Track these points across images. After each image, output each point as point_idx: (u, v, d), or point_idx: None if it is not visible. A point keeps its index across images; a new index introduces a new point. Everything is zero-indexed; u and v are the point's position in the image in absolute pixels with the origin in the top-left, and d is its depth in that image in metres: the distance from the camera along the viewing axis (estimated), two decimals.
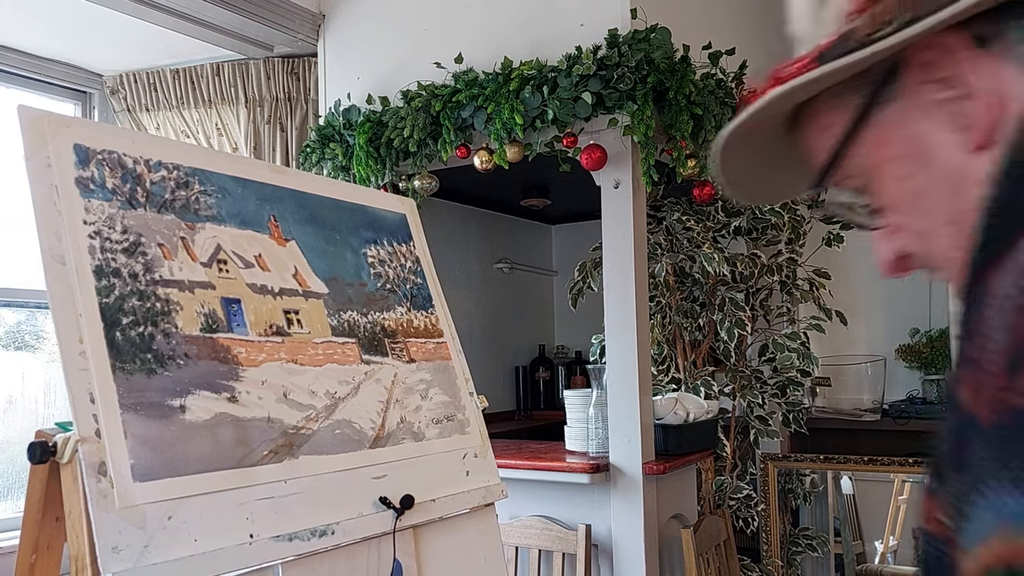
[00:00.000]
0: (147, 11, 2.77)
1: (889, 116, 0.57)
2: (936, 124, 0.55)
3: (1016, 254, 0.43)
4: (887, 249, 0.61)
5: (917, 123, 0.56)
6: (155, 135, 2.97)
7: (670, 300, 2.92)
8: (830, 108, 0.60)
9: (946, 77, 0.54)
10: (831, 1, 0.59)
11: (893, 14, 0.52)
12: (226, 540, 1.08)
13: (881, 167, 0.58)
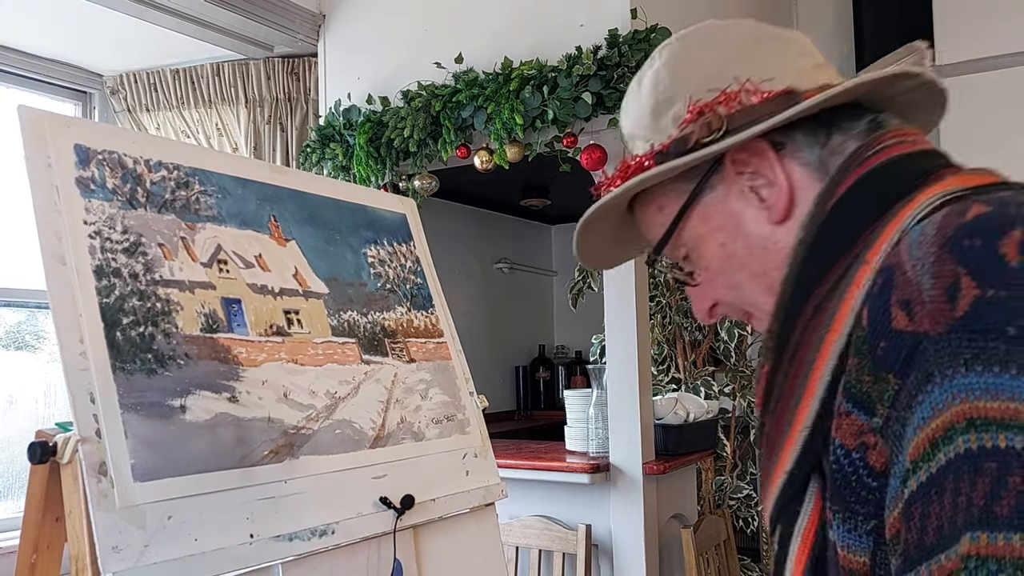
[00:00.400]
0: (147, 11, 2.77)
1: (712, 198, 0.75)
2: (746, 204, 0.73)
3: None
4: (701, 301, 0.80)
5: (733, 203, 0.74)
6: (155, 135, 2.97)
7: (670, 300, 2.92)
8: (664, 193, 0.77)
9: (754, 171, 0.72)
10: (667, 112, 0.75)
11: (720, 125, 0.70)
12: (226, 540, 1.08)
13: (705, 236, 0.76)
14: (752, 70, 0.72)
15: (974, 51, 2.82)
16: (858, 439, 0.56)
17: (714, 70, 0.73)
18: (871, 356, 0.55)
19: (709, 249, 0.76)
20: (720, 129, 0.70)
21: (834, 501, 0.58)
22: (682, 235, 0.77)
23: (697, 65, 0.75)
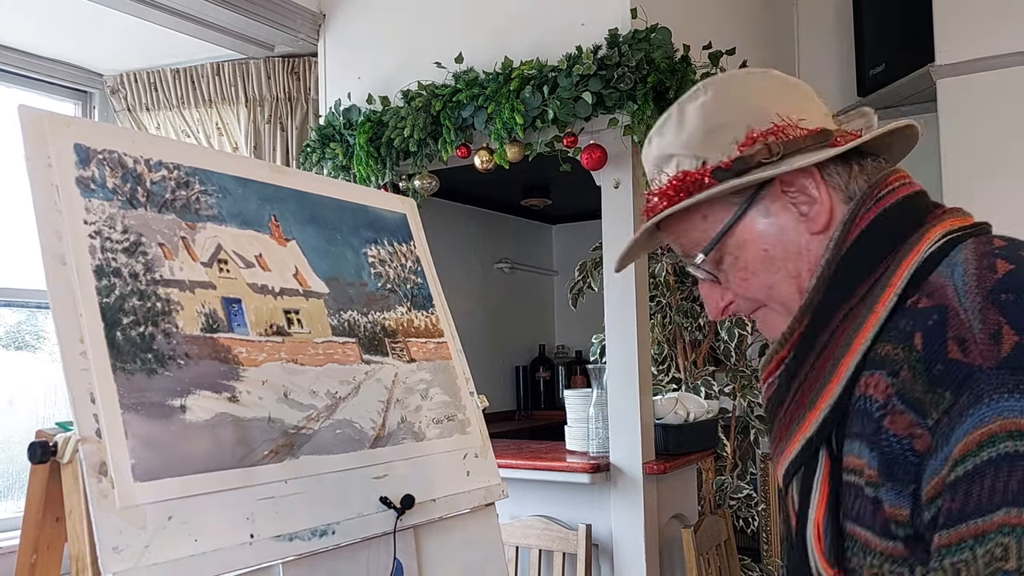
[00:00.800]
0: (147, 11, 2.77)
1: (758, 210, 0.89)
2: (788, 216, 0.89)
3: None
4: (720, 299, 0.95)
5: (778, 215, 0.89)
6: (155, 135, 2.97)
7: (670, 300, 2.92)
8: (711, 204, 0.90)
9: (798, 191, 0.88)
10: (722, 136, 0.89)
11: (778, 151, 0.87)
12: (227, 540, 1.08)
13: (749, 242, 0.90)
14: (789, 110, 0.89)
15: (974, 51, 2.82)
16: (908, 430, 0.73)
17: (760, 106, 0.90)
18: (927, 374, 0.73)
19: (751, 253, 0.90)
20: (778, 154, 0.86)
21: (884, 472, 0.74)
22: (726, 241, 0.91)
23: (745, 100, 0.91)
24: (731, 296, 0.94)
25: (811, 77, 3.68)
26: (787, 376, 0.87)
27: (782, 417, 0.87)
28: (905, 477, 0.73)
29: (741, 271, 0.91)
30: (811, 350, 0.85)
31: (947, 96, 2.86)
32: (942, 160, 2.84)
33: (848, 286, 0.83)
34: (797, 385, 0.86)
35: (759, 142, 0.87)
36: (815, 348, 0.84)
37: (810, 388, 0.84)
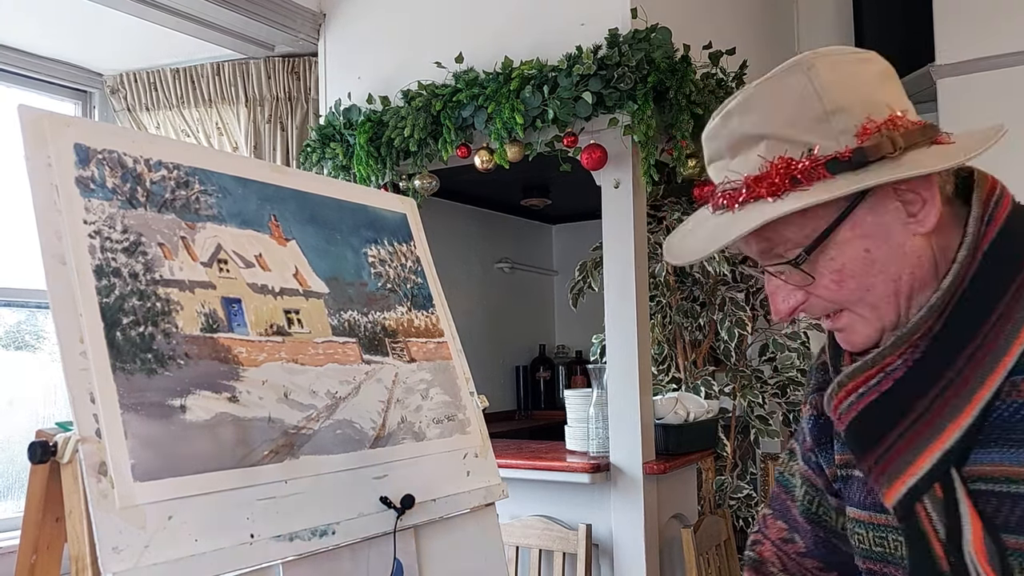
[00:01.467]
0: (147, 10, 2.77)
1: (864, 209, 0.82)
2: (896, 217, 0.82)
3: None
4: (791, 299, 0.87)
5: (885, 215, 0.82)
6: (155, 134, 2.97)
7: (670, 300, 2.92)
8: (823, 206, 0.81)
9: (912, 190, 0.81)
10: (836, 121, 0.80)
11: (901, 144, 0.78)
12: (227, 540, 1.08)
13: (851, 241, 0.82)
14: (897, 101, 0.83)
15: (974, 51, 2.82)
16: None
17: (870, 94, 0.82)
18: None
19: (851, 253, 0.83)
20: (900, 149, 0.78)
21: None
22: (827, 241, 0.82)
23: (855, 85, 0.82)
24: (805, 296, 0.86)
25: None
26: (908, 388, 0.82)
27: (898, 436, 0.82)
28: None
29: (836, 273, 0.83)
30: (950, 357, 0.81)
31: (947, 96, 2.87)
32: None
33: (998, 287, 0.80)
34: (928, 399, 0.81)
35: (880, 134, 0.79)
36: (956, 354, 0.80)
37: (949, 401, 0.80)
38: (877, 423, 0.85)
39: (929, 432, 0.81)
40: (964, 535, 0.78)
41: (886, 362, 0.84)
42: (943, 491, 0.80)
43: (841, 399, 0.88)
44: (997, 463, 0.78)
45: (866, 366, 0.85)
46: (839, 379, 0.88)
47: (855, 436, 0.88)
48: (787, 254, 0.84)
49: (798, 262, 0.83)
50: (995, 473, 0.78)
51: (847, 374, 0.87)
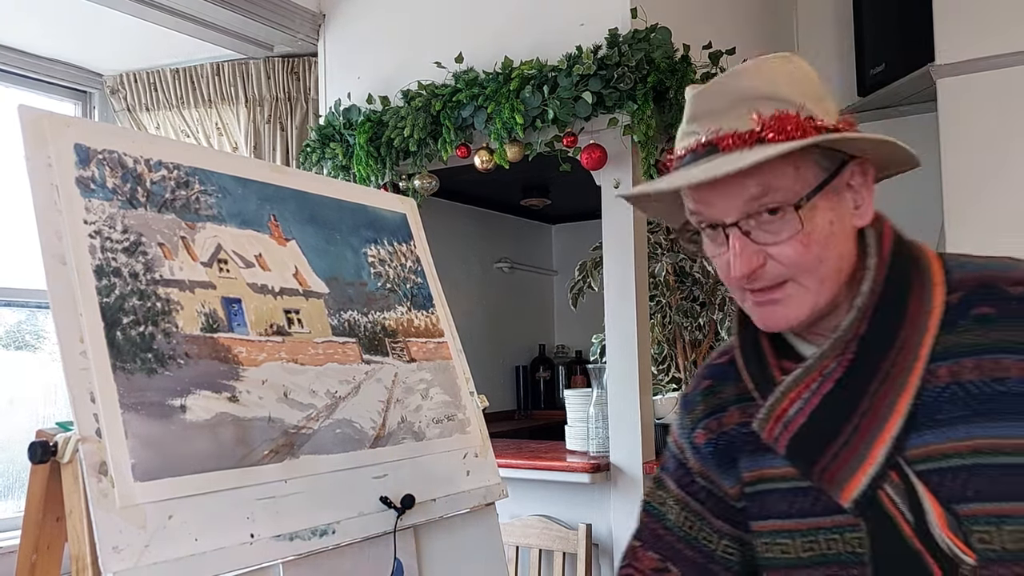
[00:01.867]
0: (147, 11, 2.77)
1: (835, 186, 0.91)
2: (848, 203, 0.93)
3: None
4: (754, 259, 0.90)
5: (844, 198, 0.92)
6: (155, 135, 2.97)
7: (670, 300, 2.92)
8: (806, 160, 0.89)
9: (860, 183, 0.93)
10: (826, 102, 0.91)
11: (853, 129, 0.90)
12: (227, 540, 1.08)
13: (824, 211, 0.90)
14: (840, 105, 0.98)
15: (974, 51, 2.82)
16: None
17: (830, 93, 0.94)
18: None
19: (820, 221, 0.89)
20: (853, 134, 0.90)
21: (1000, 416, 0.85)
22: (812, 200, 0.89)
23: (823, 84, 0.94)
24: (764, 260, 0.90)
25: None
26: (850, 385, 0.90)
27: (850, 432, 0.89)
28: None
29: (805, 236, 0.89)
30: (880, 353, 0.90)
31: (947, 96, 2.86)
32: (942, 160, 2.84)
33: (904, 287, 0.91)
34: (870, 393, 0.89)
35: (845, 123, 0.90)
36: (886, 350, 0.90)
37: (888, 393, 0.89)
38: (826, 424, 0.91)
39: (876, 424, 0.89)
40: (928, 514, 0.85)
41: (824, 365, 0.91)
42: (899, 476, 0.88)
43: (785, 408, 0.93)
44: (931, 443, 0.87)
45: (806, 371, 0.92)
46: (783, 386, 0.93)
47: (803, 441, 0.92)
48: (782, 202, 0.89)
49: (800, 204, 0.88)
50: (932, 453, 0.87)
51: (790, 381, 0.93)
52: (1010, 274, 0.91)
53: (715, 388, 1.08)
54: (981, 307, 0.89)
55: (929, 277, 0.92)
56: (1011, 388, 0.86)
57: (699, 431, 1.08)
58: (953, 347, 0.89)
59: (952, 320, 0.90)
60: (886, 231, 0.96)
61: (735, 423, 1.04)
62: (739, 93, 0.90)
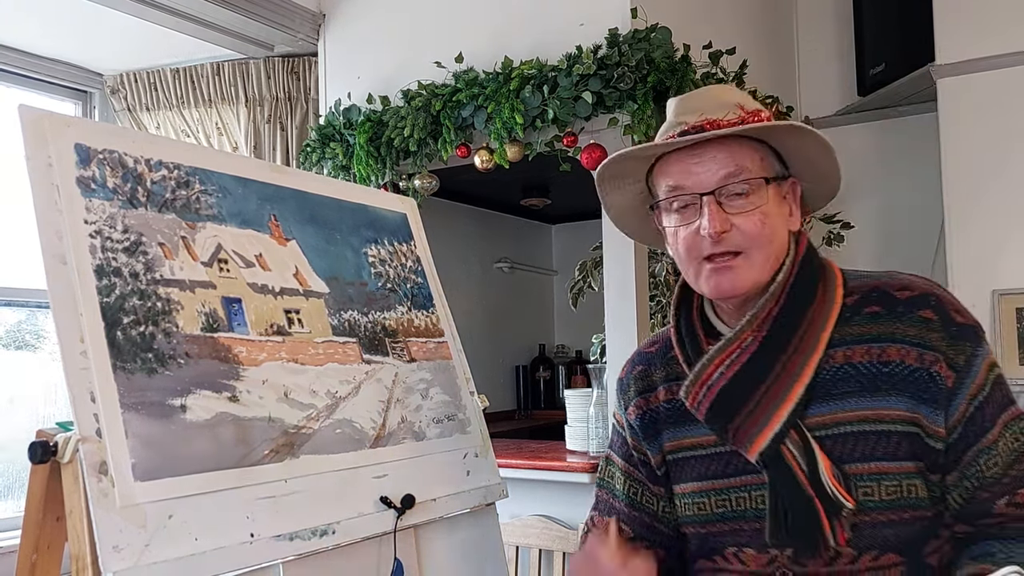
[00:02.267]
0: (147, 10, 2.77)
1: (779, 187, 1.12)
2: (786, 207, 1.13)
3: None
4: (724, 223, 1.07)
5: (785, 201, 1.13)
6: (156, 135, 2.97)
7: (670, 300, 2.92)
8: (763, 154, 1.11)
9: (792, 198, 1.14)
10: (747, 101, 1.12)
11: None
12: (227, 539, 1.08)
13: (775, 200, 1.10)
14: None
15: (974, 51, 2.82)
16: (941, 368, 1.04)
17: None
18: (948, 334, 1.05)
19: (773, 207, 1.10)
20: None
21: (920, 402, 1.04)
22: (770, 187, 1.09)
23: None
24: (730, 226, 1.08)
25: (811, 77, 3.68)
26: (762, 356, 1.08)
27: (761, 395, 1.07)
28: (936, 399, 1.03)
29: (763, 215, 1.08)
30: (789, 333, 1.09)
31: (947, 96, 2.86)
32: (942, 160, 2.84)
33: (811, 285, 1.11)
34: (780, 364, 1.08)
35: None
36: (794, 331, 1.08)
37: (793, 365, 1.07)
38: (742, 388, 1.08)
39: (783, 391, 1.06)
40: (819, 466, 1.03)
41: (743, 337, 1.10)
42: (798, 435, 1.06)
43: (710, 373, 1.10)
44: (826, 413, 1.06)
45: (728, 343, 1.10)
46: (709, 354, 1.12)
47: (722, 403, 1.10)
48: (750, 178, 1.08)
49: (772, 178, 1.09)
50: (827, 421, 1.06)
51: (715, 350, 1.11)
52: (895, 282, 1.11)
53: (646, 372, 1.27)
54: (872, 307, 1.09)
55: (833, 280, 1.12)
56: (892, 369, 1.05)
57: (631, 408, 1.27)
58: (848, 336, 1.08)
59: (848, 316, 1.09)
60: (803, 240, 1.15)
61: (661, 400, 1.23)
62: (721, 100, 1.11)
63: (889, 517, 1.03)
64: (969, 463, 1.04)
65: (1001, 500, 1.03)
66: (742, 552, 1.12)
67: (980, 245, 2.74)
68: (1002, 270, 2.70)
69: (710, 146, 1.09)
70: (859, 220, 3.30)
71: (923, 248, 3.30)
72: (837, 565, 1.05)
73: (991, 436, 1.04)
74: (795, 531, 1.05)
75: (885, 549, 1.04)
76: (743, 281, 1.09)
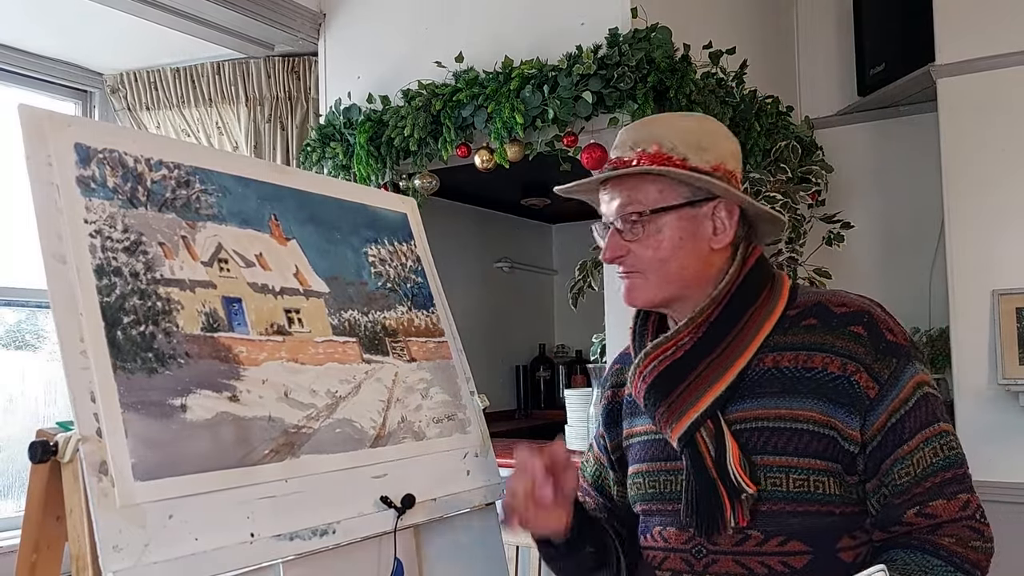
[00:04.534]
0: (147, 10, 2.77)
1: (693, 211, 1.21)
2: (706, 228, 1.22)
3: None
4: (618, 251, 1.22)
5: (701, 222, 1.22)
6: (156, 134, 2.97)
7: None
8: (671, 186, 1.21)
9: (724, 216, 1.22)
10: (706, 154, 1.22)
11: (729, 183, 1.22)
12: (227, 539, 1.08)
13: (674, 225, 1.21)
14: (739, 165, 1.27)
15: (974, 51, 2.82)
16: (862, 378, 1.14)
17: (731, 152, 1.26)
18: (876, 349, 1.15)
19: (671, 233, 1.21)
20: (729, 184, 1.22)
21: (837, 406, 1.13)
22: (664, 215, 1.20)
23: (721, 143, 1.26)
24: (627, 250, 1.22)
25: (811, 77, 3.68)
26: (693, 355, 1.19)
27: (684, 387, 1.19)
28: (853, 407, 1.13)
29: (655, 241, 1.20)
30: (721, 336, 1.19)
31: (947, 96, 2.86)
32: (942, 160, 2.84)
33: (753, 295, 1.21)
34: (706, 362, 1.18)
35: (724, 173, 1.22)
36: (726, 335, 1.19)
37: (719, 365, 1.18)
38: (670, 380, 1.20)
39: (706, 386, 1.17)
40: (728, 454, 1.14)
41: (680, 337, 1.21)
42: (713, 426, 1.17)
43: (647, 364, 1.22)
44: (748, 409, 1.17)
45: (666, 339, 1.21)
46: (646, 349, 1.23)
47: (654, 390, 1.21)
48: (638, 211, 1.20)
49: (642, 215, 1.20)
50: (747, 416, 1.17)
51: (653, 344, 1.22)
52: (836, 299, 1.21)
53: (621, 369, 1.40)
54: (810, 319, 1.19)
55: (778, 293, 1.22)
56: (815, 375, 1.14)
57: (602, 400, 1.44)
58: (781, 343, 1.18)
59: (787, 326, 1.20)
60: (753, 254, 1.25)
61: (625, 395, 1.36)
62: (642, 136, 1.22)
63: (795, 508, 1.13)
64: (886, 471, 1.12)
65: (912, 509, 1.11)
66: (665, 531, 1.24)
67: (980, 245, 2.74)
68: (1002, 270, 2.70)
69: (615, 181, 1.23)
70: (859, 220, 3.30)
71: (923, 248, 3.30)
72: (746, 546, 1.15)
73: (907, 447, 1.12)
74: (700, 510, 1.17)
75: (792, 536, 1.13)
76: (639, 295, 1.23)
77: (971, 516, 1.11)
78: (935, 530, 1.11)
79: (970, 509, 1.11)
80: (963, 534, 1.10)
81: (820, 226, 3.16)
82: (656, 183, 1.20)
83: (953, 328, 2.77)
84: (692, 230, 1.21)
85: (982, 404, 2.68)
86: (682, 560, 1.21)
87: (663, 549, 1.25)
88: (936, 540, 1.10)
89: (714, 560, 1.18)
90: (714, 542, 1.17)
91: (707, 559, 1.18)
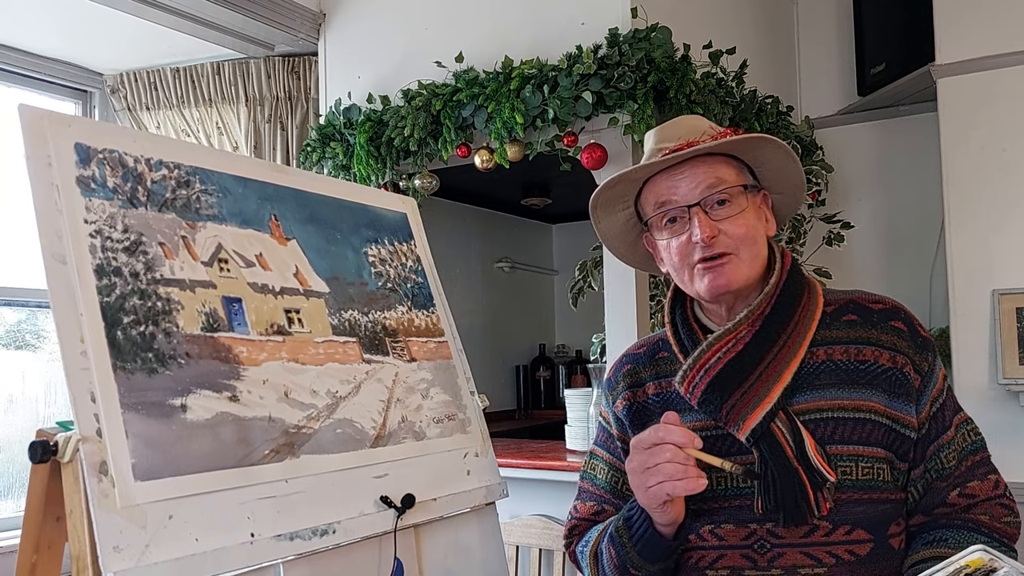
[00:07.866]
0: (148, 10, 2.77)
1: (755, 197, 1.27)
2: (763, 213, 1.28)
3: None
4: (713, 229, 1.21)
5: (762, 208, 1.28)
6: (156, 134, 2.97)
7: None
8: (739, 170, 1.26)
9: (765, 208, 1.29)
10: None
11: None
12: (227, 539, 1.08)
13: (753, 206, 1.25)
14: None
15: (974, 51, 2.82)
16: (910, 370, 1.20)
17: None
18: (915, 343, 1.22)
19: (753, 211, 1.25)
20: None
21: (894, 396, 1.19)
22: (747, 193, 1.24)
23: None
24: (718, 231, 1.21)
25: (811, 77, 3.68)
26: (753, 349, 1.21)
27: (754, 381, 1.19)
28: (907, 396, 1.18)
29: (743, 219, 1.22)
30: (778, 330, 1.22)
31: (947, 96, 2.86)
32: (942, 160, 2.84)
33: (799, 290, 1.25)
34: (770, 356, 1.21)
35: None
36: (782, 329, 1.22)
37: (782, 358, 1.20)
38: (735, 375, 1.21)
39: (773, 378, 1.19)
40: (805, 443, 1.16)
41: (739, 330, 1.22)
42: (786, 416, 1.18)
43: (708, 358, 1.22)
44: (810, 400, 1.19)
45: (726, 332, 1.23)
46: (709, 341, 1.24)
47: (717, 385, 1.21)
48: (730, 186, 1.22)
49: (748, 187, 1.24)
50: (811, 407, 1.19)
51: (713, 338, 1.23)
52: (866, 296, 1.27)
53: (634, 370, 1.38)
54: (849, 315, 1.24)
55: (815, 291, 1.27)
56: (868, 367, 1.19)
57: (619, 401, 1.37)
58: (828, 338, 1.22)
59: (828, 322, 1.24)
60: (787, 254, 1.29)
61: (651, 394, 1.34)
62: (693, 126, 1.26)
63: (862, 496, 1.16)
64: (931, 457, 1.19)
65: (954, 491, 1.19)
66: (719, 528, 1.22)
67: (980, 245, 2.74)
68: (1002, 270, 2.70)
69: (690, 164, 1.23)
70: (859, 220, 3.30)
71: (923, 248, 3.30)
72: (813, 536, 1.16)
73: (949, 434, 1.20)
74: (784, 502, 1.16)
75: (857, 525, 1.16)
76: (736, 276, 1.22)
77: (1002, 494, 1.21)
78: (970, 509, 1.18)
79: (1000, 488, 1.21)
80: (995, 511, 1.19)
81: (820, 226, 3.16)
82: (730, 164, 1.24)
83: (953, 328, 2.77)
84: (759, 215, 1.26)
85: (982, 404, 2.68)
86: (742, 556, 1.19)
87: (716, 548, 1.21)
88: (975, 518, 1.18)
89: (780, 553, 1.17)
90: (779, 535, 1.17)
91: (772, 552, 1.18)
